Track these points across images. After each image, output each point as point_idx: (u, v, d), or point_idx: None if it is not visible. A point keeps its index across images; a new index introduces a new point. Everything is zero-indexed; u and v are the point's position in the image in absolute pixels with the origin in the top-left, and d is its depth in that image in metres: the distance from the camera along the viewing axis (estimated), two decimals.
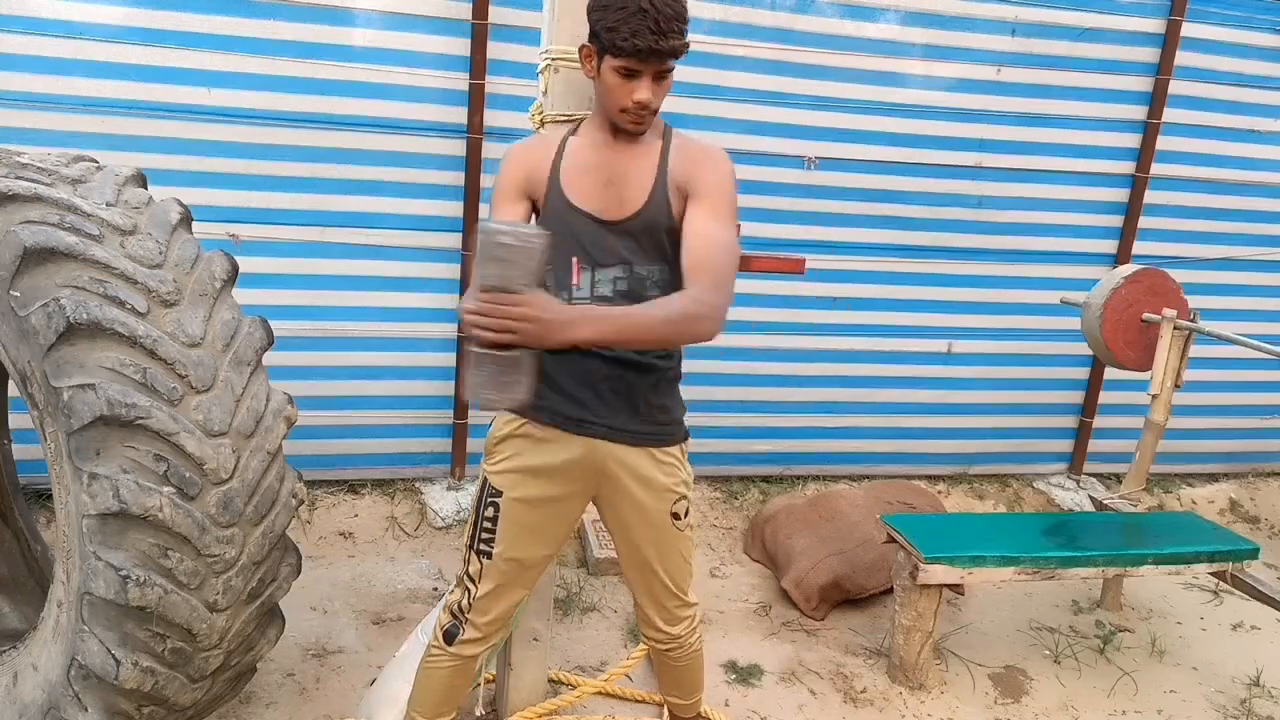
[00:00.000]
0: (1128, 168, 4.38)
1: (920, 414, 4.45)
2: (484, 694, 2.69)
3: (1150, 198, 4.40)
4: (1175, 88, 4.30)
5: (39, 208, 1.97)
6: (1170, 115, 4.32)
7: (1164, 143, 4.35)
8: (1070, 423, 4.67)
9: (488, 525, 2.06)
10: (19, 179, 2.02)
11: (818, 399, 4.32)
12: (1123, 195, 4.40)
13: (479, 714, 2.67)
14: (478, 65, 3.59)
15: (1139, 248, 4.44)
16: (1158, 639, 3.45)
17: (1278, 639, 3.57)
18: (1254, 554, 3.22)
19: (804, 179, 4.04)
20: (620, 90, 1.86)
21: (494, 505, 2.06)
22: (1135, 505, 3.66)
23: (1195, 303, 3.62)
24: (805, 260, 2.64)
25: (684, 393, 2.14)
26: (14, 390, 2.42)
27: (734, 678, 3.00)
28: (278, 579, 2.21)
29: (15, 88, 3.26)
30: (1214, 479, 4.86)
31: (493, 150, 3.70)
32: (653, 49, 1.79)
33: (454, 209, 3.74)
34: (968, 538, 3.04)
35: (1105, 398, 4.62)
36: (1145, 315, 3.55)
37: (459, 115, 3.66)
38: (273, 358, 2.34)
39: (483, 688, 2.69)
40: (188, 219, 2.25)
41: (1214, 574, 3.26)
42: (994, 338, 4.44)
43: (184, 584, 1.94)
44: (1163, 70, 4.26)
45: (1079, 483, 4.66)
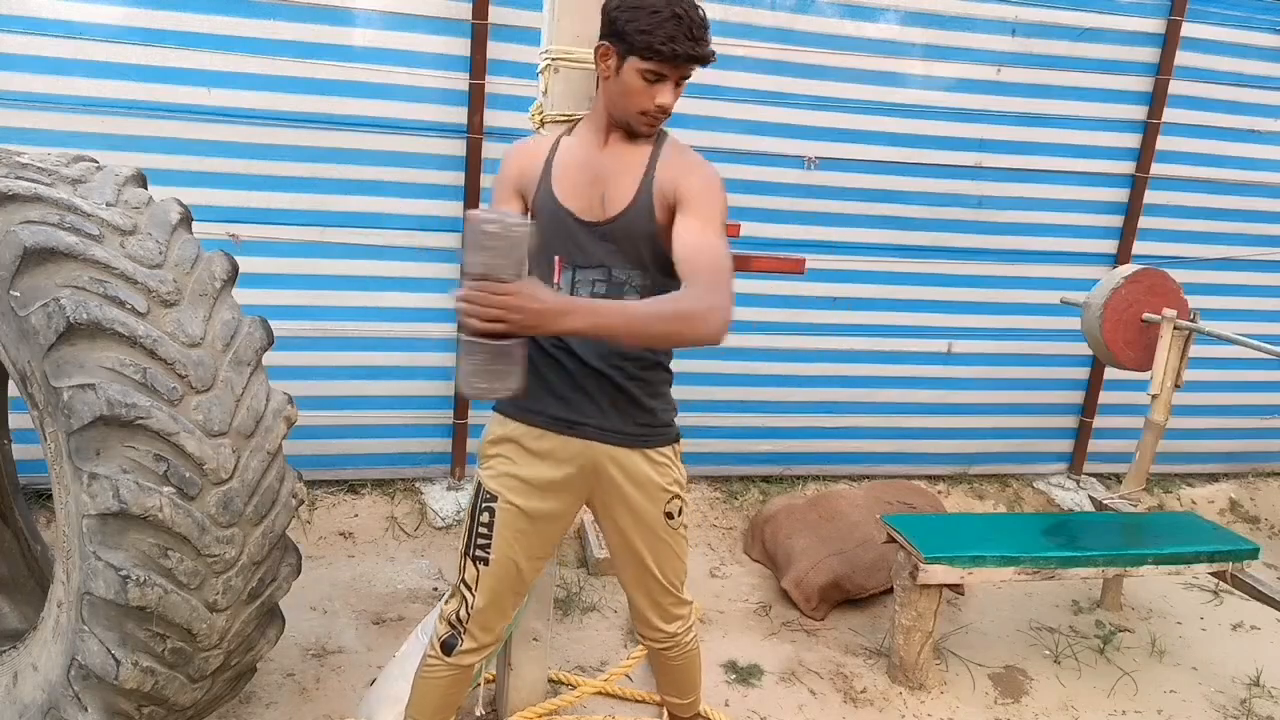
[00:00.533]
0: (1128, 168, 4.38)
1: (920, 414, 4.45)
2: (484, 694, 2.70)
3: (1150, 198, 4.40)
4: (1175, 88, 4.30)
5: (39, 208, 1.97)
6: (1170, 115, 4.32)
7: (1164, 143, 4.35)
8: (1070, 423, 4.67)
9: (483, 530, 2.05)
10: (19, 179, 2.02)
11: (818, 399, 4.32)
12: (1123, 195, 4.40)
13: (479, 714, 2.67)
14: (478, 65, 3.59)
15: (1139, 248, 4.44)
16: (1158, 639, 3.45)
17: (1278, 639, 3.57)
18: (1254, 554, 3.22)
19: (804, 179, 4.04)
20: (643, 94, 1.86)
21: (489, 510, 2.04)
22: (1135, 505, 3.66)
23: (1195, 303, 3.62)
24: (805, 260, 2.64)
25: (684, 393, 2.16)
26: (14, 390, 2.42)
27: (734, 678, 3.00)
28: (278, 579, 2.21)
29: (15, 88, 3.26)
30: (1214, 479, 4.86)
31: (493, 150, 3.70)
32: (690, 55, 1.81)
33: (454, 209, 3.74)
34: (968, 538, 3.05)
35: (1105, 398, 4.62)
36: (1145, 315, 3.55)
37: (459, 115, 3.66)
38: (273, 358, 2.34)
39: (483, 688, 2.69)
40: (188, 219, 2.25)
41: (1214, 574, 3.26)
42: (994, 338, 4.44)
43: (184, 584, 1.94)
44: (1163, 70, 4.26)
45: (1079, 483, 4.66)
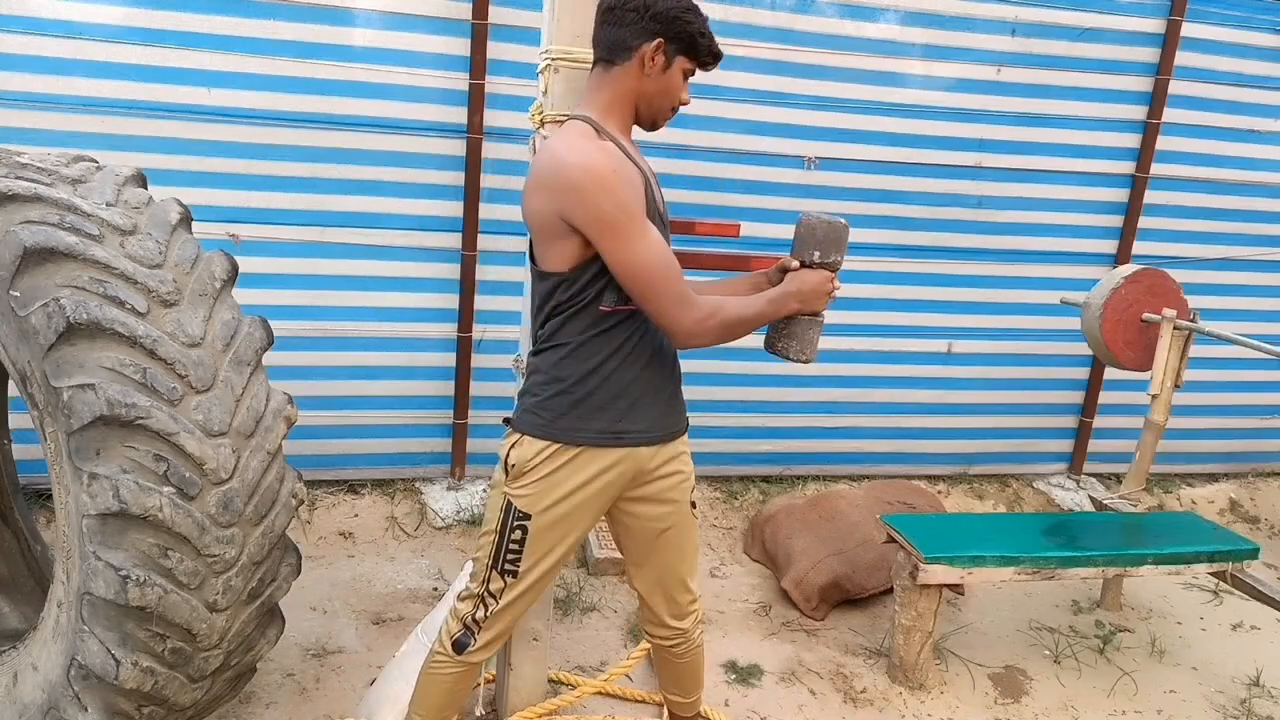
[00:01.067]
0: (1128, 168, 4.38)
1: (920, 414, 4.45)
2: (484, 694, 2.70)
3: (1150, 198, 4.40)
4: (1175, 88, 4.30)
5: (39, 208, 1.97)
6: (1170, 115, 4.33)
7: (1164, 143, 4.35)
8: (1070, 423, 4.67)
9: (514, 547, 2.04)
10: (19, 179, 2.02)
11: (818, 399, 4.32)
12: (1123, 195, 4.40)
13: (479, 714, 2.67)
14: (478, 65, 3.59)
15: (1139, 248, 4.44)
16: (1158, 639, 3.45)
17: (1278, 639, 3.57)
18: (1254, 554, 3.22)
19: (804, 179, 4.04)
20: (679, 90, 1.99)
21: (522, 529, 2.02)
22: (1135, 505, 3.66)
23: (1195, 303, 3.62)
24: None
25: (684, 392, 2.17)
26: (14, 390, 2.42)
27: (734, 678, 3.00)
28: (278, 579, 2.21)
29: (15, 88, 3.26)
30: (1214, 479, 4.86)
31: (492, 150, 3.70)
32: (719, 56, 2.00)
33: (454, 209, 3.74)
34: (968, 538, 3.05)
35: (1105, 398, 4.62)
36: (1145, 315, 3.55)
37: (459, 115, 3.66)
38: (273, 358, 2.35)
39: (483, 688, 2.69)
40: (188, 219, 2.25)
41: (1214, 574, 3.26)
42: (994, 338, 4.44)
43: (184, 584, 1.94)
44: (1163, 70, 4.26)
45: (1079, 483, 4.66)
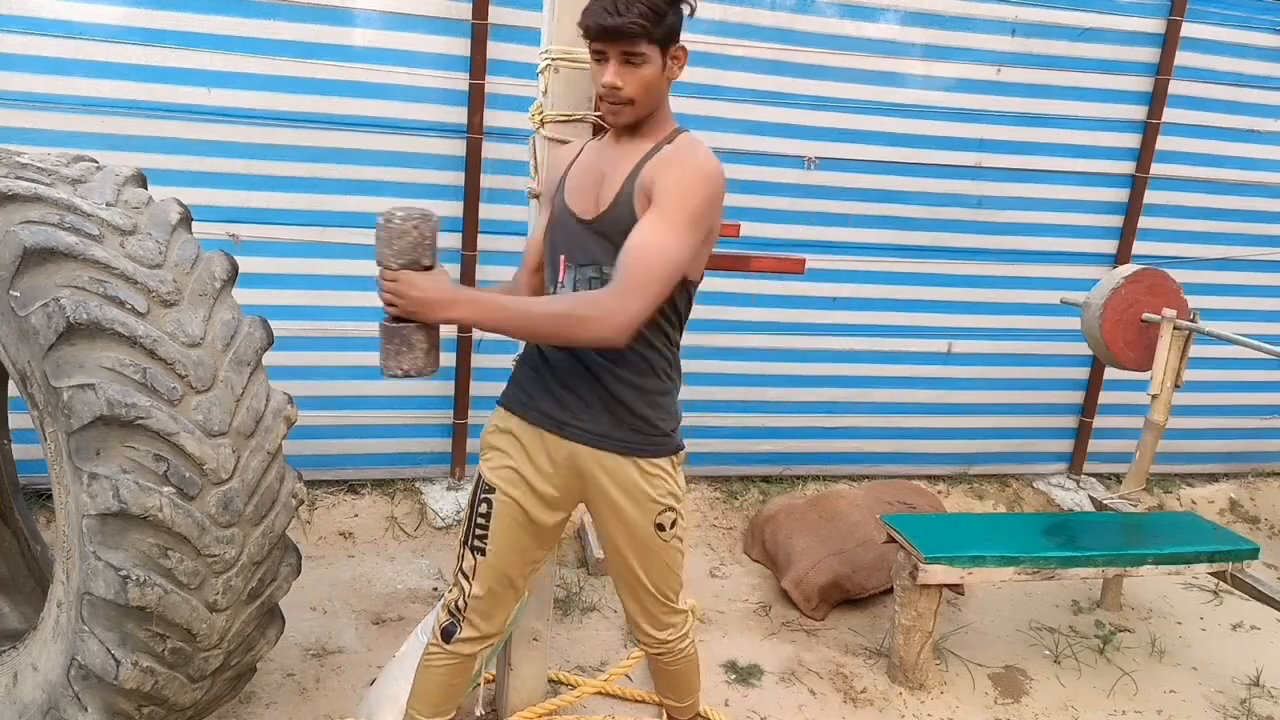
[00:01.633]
0: (1128, 168, 4.38)
1: (920, 414, 4.45)
2: (484, 694, 2.69)
3: (1150, 198, 4.40)
4: (1175, 88, 4.30)
5: (39, 208, 1.97)
6: (1170, 115, 4.32)
7: (1164, 143, 4.35)
8: (1070, 423, 4.67)
9: (481, 521, 2.07)
10: (19, 179, 2.02)
11: (818, 399, 4.32)
12: (1123, 195, 4.40)
13: (479, 714, 2.67)
14: (478, 65, 3.59)
15: (1139, 248, 4.44)
16: (1158, 639, 3.45)
17: (1278, 639, 3.57)
18: (1254, 554, 3.22)
19: (804, 179, 4.04)
20: (596, 75, 1.87)
21: (487, 501, 2.07)
22: (1135, 505, 3.66)
23: (1195, 303, 3.62)
24: (805, 260, 2.65)
25: (684, 393, 2.13)
26: (14, 390, 2.42)
27: (734, 678, 3.00)
28: (278, 579, 2.21)
29: (15, 88, 3.26)
30: (1214, 479, 4.86)
31: (493, 150, 3.70)
32: (601, 26, 1.78)
33: (454, 209, 3.74)
34: (968, 538, 3.05)
35: (1105, 398, 4.62)
36: (1145, 315, 3.55)
37: (459, 115, 3.66)
38: (273, 358, 2.34)
39: (483, 688, 2.68)
40: (188, 219, 2.25)
41: (1214, 574, 3.26)
42: (994, 338, 4.44)
43: (184, 584, 1.94)
44: (1163, 70, 4.26)
45: (1079, 483, 4.66)
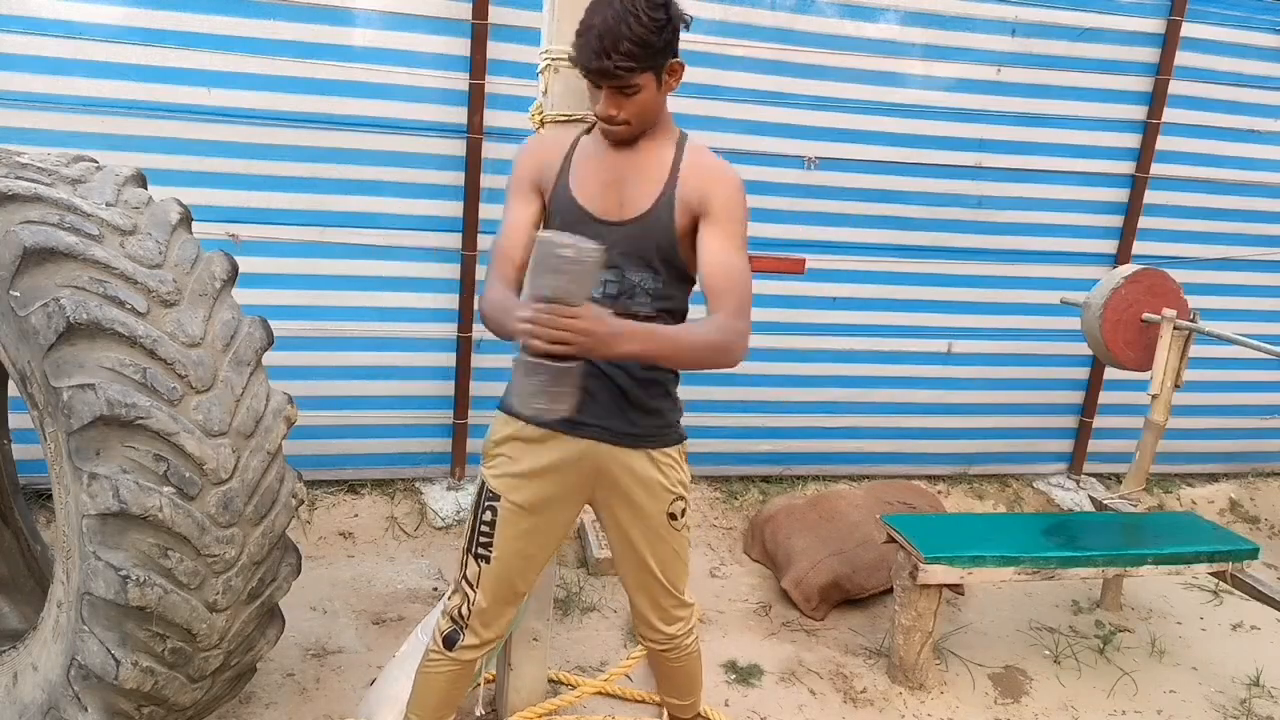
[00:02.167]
0: (1128, 168, 4.37)
1: (920, 414, 4.45)
2: (484, 694, 2.70)
3: (1150, 198, 4.40)
4: (1175, 88, 4.30)
5: (39, 208, 1.97)
6: (1170, 115, 4.32)
7: (1164, 143, 4.35)
8: (1070, 423, 4.67)
9: (485, 529, 2.06)
10: (19, 179, 2.02)
11: (818, 399, 4.32)
12: (1123, 195, 4.40)
13: (479, 714, 2.67)
14: (478, 65, 3.59)
15: (1139, 248, 4.43)
16: (1158, 639, 3.45)
17: (1278, 639, 3.57)
18: (1254, 554, 3.22)
19: (804, 179, 4.04)
20: (593, 100, 1.91)
21: (491, 509, 2.05)
22: (1135, 505, 3.66)
23: (1195, 303, 3.62)
24: (806, 260, 2.64)
25: (685, 393, 2.14)
26: (14, 390, 2.42)
27: (734, 678, 3.00)
28: (278, 579, 2.21)
29: (15, 88, 3.26)
30: (1214, 479, 4.86)
31: (493, 150, 3.70)
32: (587, 68, 1.83)
33: (454, 209, 3.74)
34: (968, 538, 3.05)
35: (1105, 398, 4.62)
36: (1145, 315, 3.55)
37: (459, 115, 3.66)
38: (273, 358, 2.34)
39: (483, 688, 2.69)
40: (188, 219, 2.25)
41: (1214, 574, 3.26)
42: (994, 338, 4.44)
43: (184, 584, 1.94)
44: (1163, 70, 4.26)
45: (1079, 483, 4.66)
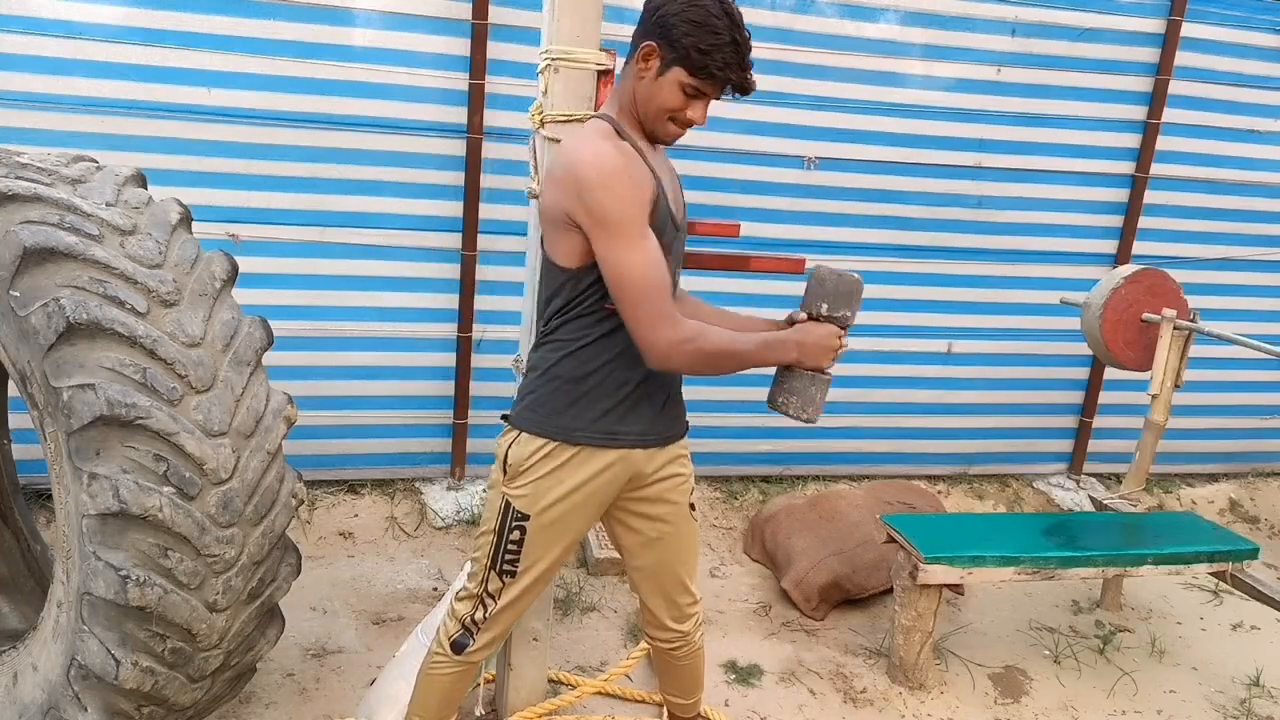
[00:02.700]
0: (1128, 168, 4.38)
1: (920, 414, 4.45)
2: (484, 694, 2.70)
3: (1150, 198, 4.40)
4: (1175, 88, 4.30)
5: (39, 208, 1.97)
6: (1170, 115, 4.33)
7: (1164, 143, 4.35)
8: (1070, 423, 4.67)
9: (512, 548, 2.04)
10: (19, 179, 2.02)
11: None
12: (1123, 195, 4.40)
13: (479, 714, 2.67)
14: (478, 65, 3.59)
15: (1139, 248, 4.44)
16: (1158, 639, 3.45)
17: (1278, 639, 3.57)
18: (1254, 554, 3.22)
19: (804, 179, 4.04)
20: (678, 105, 1.86)
21: (520, 529, 2.02)
22: (1135, 505, 3.66)
23: (1195, 303, 3.62)
24: (805, 260, 2.64)
25: (685, 392, 2.18)
26: (14, 390, 2.42)
27: (734, 678, 3.00)
28: (278, 579, 2.21)
29: (15, 88, 3.26)
30: (1214, 479, 4.86)
31: (493, 150, 3.70)
32: (740, 83, 1.85)
33: (454, 209, 3.74)
34: (968, 538, 3.04)
35: (1105, 398, 4.62)
36: (1145, 315, 3.55)
37: (459, 115, 3.66)
38: (273, 358, 2.35)
39: (483, 688, 2.69)
40: (188, 219, 2.25)
41: (1214, 574, 3.26)
42: (994, 338, 4.44)
43: (184, 584, 1.94)
44: (1163, 70, 4.26)
45: (1079, 483, 4.66)
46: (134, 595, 1.87)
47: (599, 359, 1.94)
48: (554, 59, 2.22)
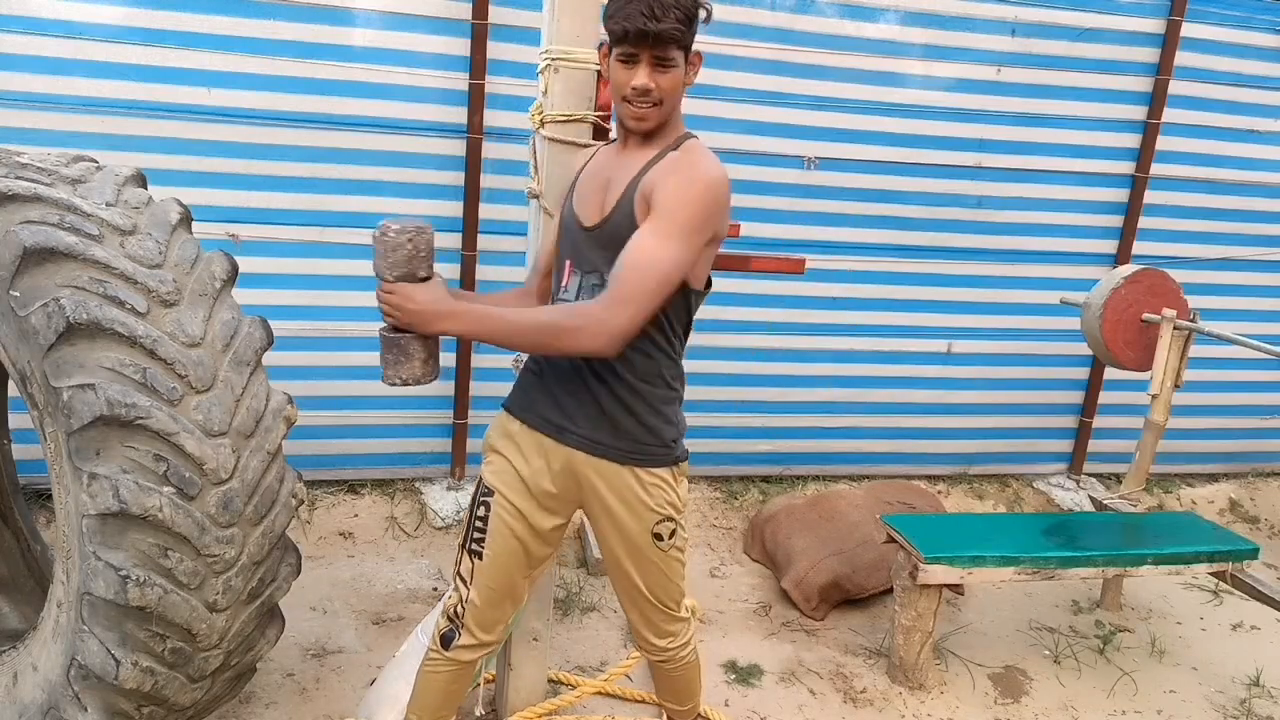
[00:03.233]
0: (1128, 168, 4.38)
1: (920, 414, 4.45)
2: (484, 694, 2.70)
3: (1150, 198, 4.40)
4: (1175, 88, 4.30)
5: (39, 208, 1.97)
6: (1170, 115, 4.33)
7: (1164, 143, 4.35)
8: (1070, 423, 4.67)
9: (479, 524, 2.07)
10: (19, 179, 2.02)
11: (818, 399, 4.32)
12: (1123, 195, 4.40)
13: (479, 714, 2.67)
14: (478, 65, 3.59)
15: (1139, 248, 4.44)
16: (1158, 639, 3.45)
17: (1278, 639, 3.57)
18: (1254, 554, 3.22)
19: (804, 179, 4.04)
20: (621, 79, 1.86)
21: (485, 504, 2.07)
22: (1135, 505, 3.66)
23: (1195, 303, 3.62)
24: (805, 260, 2.65)
25: (685, 393, 2.11)
26: (14, 390, 2.42)
27: (734, 678, 3.00)
28: (278, 579, 2.21)
29: (15, 88, 3.26)
30: (1214, 479, 4.86)
31: (493, 150, 3.70)
32: (641, 30, 1.79)
33: (454, 209, 3.74)
34: (968, 538, 3.05)
35: (1105, 398, 4.62)
36: (1145, 315, 3.55)
37: (459, 115, 3.66)
38: (273, 358, 2.35)
39: (483, 688, 2.69)
40: (188, 219, 2.25)
41: (1214, 574, 3.26)
42: (994, 338, 4.44)
43: (184, 584, 1.94)
44: (1162, 70, 4.26)
45: (1079, 483, 4.66)
46: (134, 595, 1.86)
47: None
48: (554, 59, 2.22)
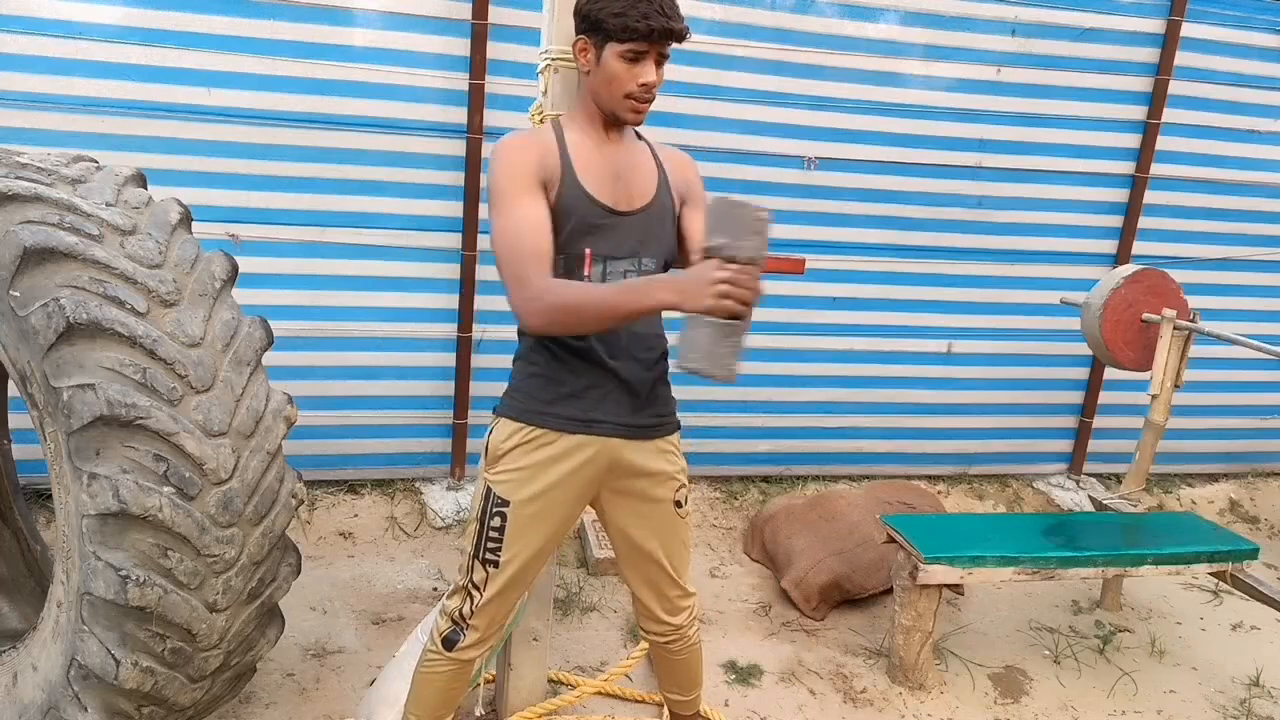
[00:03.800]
0: (1128, 168, 4.38)
1: (920, 414, 4.45)
2: (484, 694, 2.70)
3: (1150, 198, 4.40)
4: (1175, 88, 4.30)
5: (39, 208, 1.97)
6: (1170, 115, 4.33)
7: (1164, 143, 4.36)
8: (1070, 423, 4.67)
9: (494, 535, 2.04)
10: (19, 179, 2.02)
11: (818, 399, 4.32)
12: (1123, 195, 4.40)
13: (479, 714, 2.67)
14: (478, 65, 3.60)
15: (1139, 248, 4.44)
16: (1158, 639, 3.45)
17: (1278, 639, 3.57)
18: (1254, 554, 3.22)
19: (804, 179, 4.04)
20: (625, 76, 1.90)
21: (500, 515, 2.03)
22: (1135, 505, 3.66)
23: (1195, 303, 3.62)
24: (805, 260, 2.65)
25: (685, 392, 2.19)
26: (14, 390, 2.42)
27: (734, 678, 3.00)
28: (278, 579, 2.21)
29: (15, 88, 3.26)
30: (1214, 479, 4.86)
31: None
32: (665, 29, 1.86)
33: (454, 209, 3.74)
34: (967, 538, 3.05)
35: (1105, 398, 4.62)
36: (1145, 315, 3.55)
37: (459, 115, 3.66)
38: (273, 358, 2.35)
39: (482, 688, 2.69)
40: (188, 219, 2.25)
41: (1214, 574, 3.26)
42: (994, 338, 4.44)
43: (184, 584, 1.94)
44: (1162, 70, 4.26)
45: (1079, 483, 4.66)
46: (134, 595, 1.87)
47: (569, 345, 2.00)
48: (554, 59, 2.22)
